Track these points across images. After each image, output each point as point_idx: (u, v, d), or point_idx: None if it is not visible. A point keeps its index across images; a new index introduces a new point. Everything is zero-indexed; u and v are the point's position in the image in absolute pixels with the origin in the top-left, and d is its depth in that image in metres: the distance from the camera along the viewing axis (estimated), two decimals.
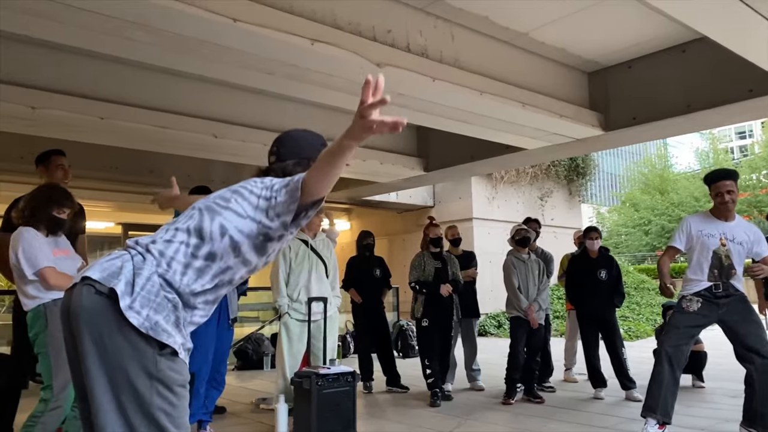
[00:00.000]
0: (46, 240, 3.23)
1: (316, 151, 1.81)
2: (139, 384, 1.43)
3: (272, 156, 1.89)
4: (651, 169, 30.54)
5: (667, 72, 5.97)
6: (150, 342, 1.44)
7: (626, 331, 9.89)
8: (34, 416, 3.04)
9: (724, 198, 3.73)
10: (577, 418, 4.47)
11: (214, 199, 1.72)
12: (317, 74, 4.88)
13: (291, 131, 1.95)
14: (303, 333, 4.07)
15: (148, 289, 1.46)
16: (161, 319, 1.46)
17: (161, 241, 1.58)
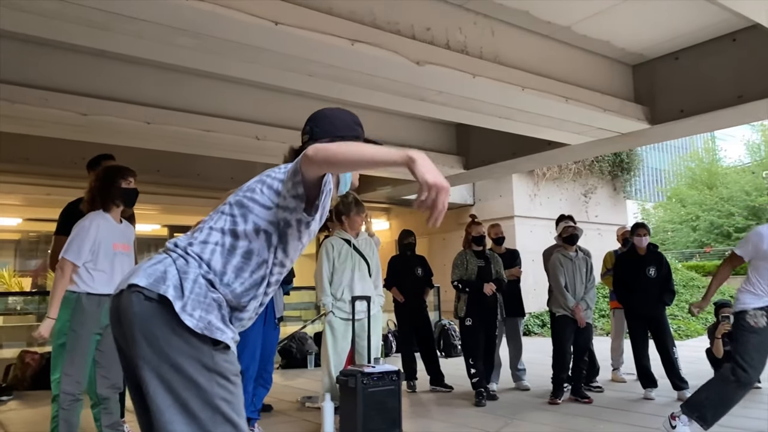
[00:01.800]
0: (115, 228, 3.31)
1: (351, 129, 1.79)
2: (199, 378, 1.48)
3: (305, 135, 1.83)
4: (698, 163, 29.56)
5: (716, 62, 5.77)
6: (205, 340, 1.50)
7: (676, 330, 9.62)
8: (54, 417, 3.09)
9: None
10: (628, 419, 4.36)
11: (245, 192, 1.68)
12: (357, 74, 4.90)
13: (324, 109, 1.88)
14: (347, 331, 4.09)
15: (197, 291, 1.51)
16: (213, 318, 1.51)
17: (198, 243, 1.59)
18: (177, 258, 1.57)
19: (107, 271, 3.24)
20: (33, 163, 7.66)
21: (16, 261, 14.18)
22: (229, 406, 1.51)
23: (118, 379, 3.42)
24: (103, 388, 3.32)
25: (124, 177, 3.36)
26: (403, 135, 8.13)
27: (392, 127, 7.98)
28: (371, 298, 4.12)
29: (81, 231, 3.16)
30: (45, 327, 3.14)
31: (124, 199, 3.35)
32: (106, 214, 3.29)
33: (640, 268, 5.21)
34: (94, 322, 3.19)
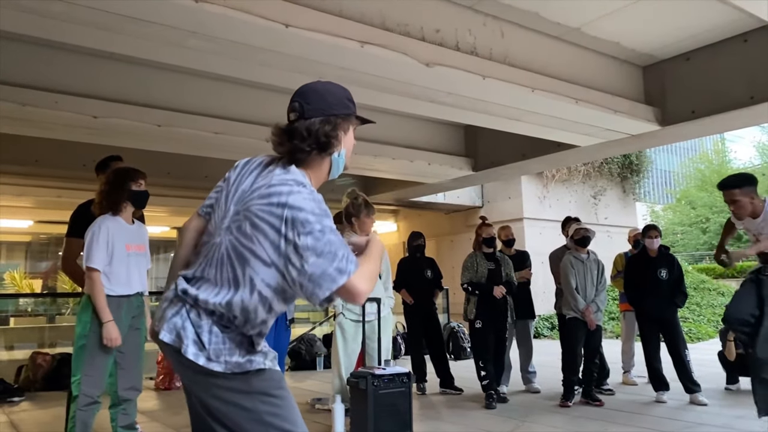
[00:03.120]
0: (127, 229, 3.34)
1: (344, 107, 1.65)
2: (245, 403, 1.56)
3: (293, 113, 1.62)
4: (708, 165, 29.35)
5: (728, 63, 5.73)
6: (236, 374, 1.56)
7: (687, 332, 9.53)
8: (72, 417, 3.13)
9: (730, 207, 3.92)
10: (640, 422, 4.33)
11: (238, 236, 1.54)
12: (367, 76, 4.91)
13: (313, 84, 1.68)
14: (357, 333, 4.09)
15: (215, 341, 1.54)
16: (237, 357, 1.56)
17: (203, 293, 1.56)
18: (190, 309, 1.57)
19: (123, 272, 3.27)
20: (43, 166, 7.71)
21: (26, 263, 14.28)
22: (279, 419, 1.57)
23: (138, 381, 3.46)
24: (123, 390, 3.36)
25: (134, 179, 3.38)
26: (413, 137, 8.14)
27: (401, 129, 7.99)
28: (381, 300, 4.11)
29: (93, 237, 3.20)
30: (109, 331, 3.16)
31: (134, 202, 3.37)
32: (117, 216, 3.31)
33: (651, 270, 5.18)
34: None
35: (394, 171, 8.93)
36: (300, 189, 1.52)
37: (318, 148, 1.60)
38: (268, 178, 1.59)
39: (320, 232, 1.45)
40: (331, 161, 1.66)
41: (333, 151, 1.64)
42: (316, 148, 1.60)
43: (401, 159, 8.03)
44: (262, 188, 1.56)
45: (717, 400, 4.96)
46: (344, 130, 1.66)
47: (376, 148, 7.62)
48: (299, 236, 1.45)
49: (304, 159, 1.61)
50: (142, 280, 3.44)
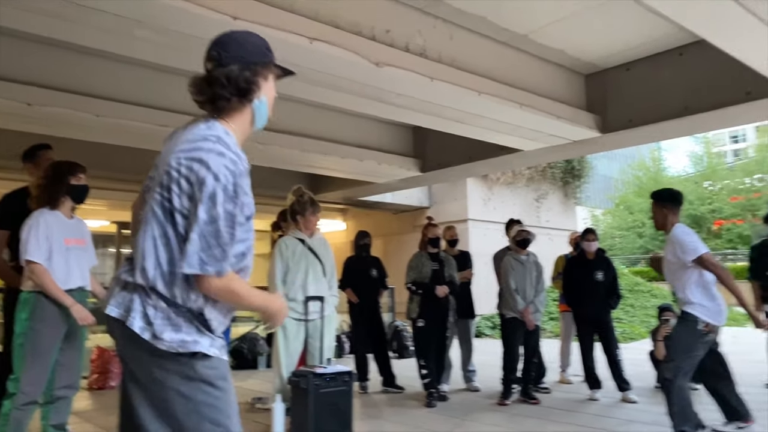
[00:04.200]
0: (65, 223, 3.23)
1: (263, 55, 1.65)
2: (182, 389, 1.53)
3: (210, 62, 1.60)
4: (645, 172, 30.60)
5: (665, 74, 5.98)
6: (182, 355, 1.53)
7: (621, 333, 9.89)
8: (5, 415, 3.02)
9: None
10: (575, 420, 4.47)
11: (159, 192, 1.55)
12: (318, 74, 4.87)
13: (230, 32, 1.67)
14: (300, 332, 4.05)
15: (161, 316, 1.52)
16: (184, 334, 1.53)
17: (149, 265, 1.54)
18: (137, 284, 1.56)
19: (62, 267, 3.16)
20: None
21: None
22: (215, 411, 1.54)
23: (76, 380, 3.35)
24: (60, 388, 3.26)
25: (73, 173, 3.28)
26: (362, 136, 8.14)
27: (351, 128, 7.97)
28: (325, 299, 4.09)
29: (30, 231, 3.10)
30: (78, 311, 3.11)
31: (73, 196, 3.26)
32: (55, 210, 3.20)
33: (588, 272, 5.36)
34: (55, 320, 3.12)
35: (343, 170, 8.91)
36: (224, 150, 1.53)
37: (238, 94, 1.60)
38: (191, 133, 1.59)
39: (218, 216, 1.48)
40: (253, 109, 1.66)
41: (254, 98, 1.64)
42: (237, 94, 1.60)
43: (350, 158, 8.01)
44: (184, 142, 1.57)
45: (647, 397, 5.17)
46: (264, 77, 1.66)
47: (325, 146, 7.59)
48: (201, 203, 1.48)
49: (226, 107, 1.61)
50: (84, 275, 3.32)
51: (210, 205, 1.48)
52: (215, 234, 1.48)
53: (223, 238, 1.49)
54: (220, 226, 1.49)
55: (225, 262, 1.50)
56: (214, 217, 1.48)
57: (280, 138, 7.15)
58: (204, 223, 1.48)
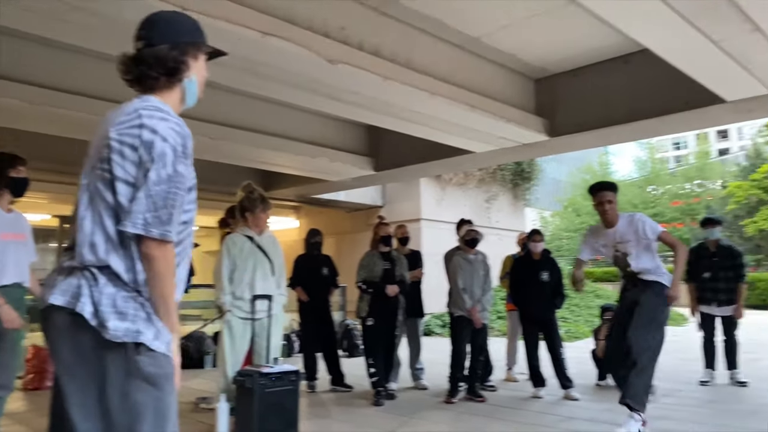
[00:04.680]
0: (3, 217, 3.12)
1: (192, 35, 1.66)
2: (122, 385, 1.46)
3: (139, 42, 1.60)
4: (592, 175, 31.51)
5: (611, 81, 6.18)
6: (124, 347, 1.46)
7: (566, 332, 10.16)
8: None
9: (603, 207, 4.01)
10: (518, 417, 4.56)
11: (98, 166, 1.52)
12: (270, 69, 4.83)
13: (159, 12, 1.67)
14: (246, 331, 3.99)
15: (107, 302, 1.47)
16: (128, 323, 1.47)
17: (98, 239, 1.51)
18: (83, 270, 1.50)
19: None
20: None
21: None
22: (153, 412, 1.48)
23: (10, 379, 3.22)
24: None
25: (12, 166, 3.15)
26: (316, 133, 8.09)
27: (305, 124, 7.91)
28: (273, 297, 4.04)
29: None
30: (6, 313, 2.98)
31: (12, 189, 3.13)
32: None
33: (534, 272, 5.48)
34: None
35: (296, 166, 8.84)
36: (166, 116, 1.54)
37: (166, 73, 1.61)
38: (126, 109, 1.57)
39: (168, 177, 1.48)
40: (183, 88, 1.66)
41: (182, 77, 1.64)
42: (164, 73, 1.60)
43: (303, 155, 7.95)
44: (121, 116, 1.55)
45: (588, 395, 5.32)
46: (193, 57, 1.67)
47: (277, 142, 7.50)
48: (151, 163, 1.47)
49: (154, 86, 1.61)
50: (21, 270, 3.19)
51: (160, 165, 1.47)
52: (164, 195, 1.47)
53: (171, 200, 1.48)
54: (169, 187, 1.48)
55: (170, 225, 1.48)
56: (163, 177, 1.47)
57: (232, 132, 7.04)
58: (153, 184, 1.46)
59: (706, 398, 5.24)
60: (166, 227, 1.47)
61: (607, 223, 4.06)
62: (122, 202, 1.48)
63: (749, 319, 9.27)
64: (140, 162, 1.47)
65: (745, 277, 5.90)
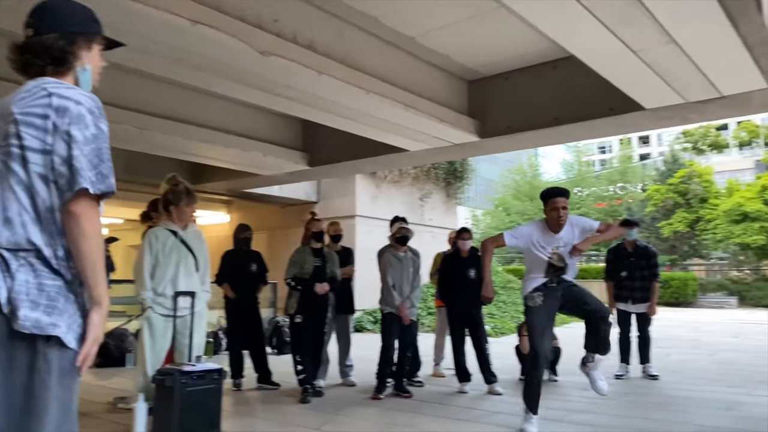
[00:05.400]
0: None
1: (83, 25, 1.63)
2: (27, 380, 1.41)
3: (29, 30, 1.58)
4: (522, 176, 32.58)
5: (539, 86, 6.36)
6: (35, 338, 1.41)
7: (493, 328, 10.44)
8: None
9: (559, 213, 4.03)
10: (443, 412, 4.65)
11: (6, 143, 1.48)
12: (200, 58, 4.69)
13: (51, 0, 1.63)
14: (167, 329, 3.85)
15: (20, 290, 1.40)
16: (40, 313, 1.41)
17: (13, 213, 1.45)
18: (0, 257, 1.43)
19: None
20: None
21: None
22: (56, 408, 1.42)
23: None
24: None
25: None
26: (248, 126, 7.92)
27: (236, 116, 7.73)
28: (196, 294, 3.93)
29: None
30: None
31: None
32: None
33: (462, 269, 5.58)
34: None
35: (227, 159, 8.63)
36: (69, 86, 1.54)
37: (53, 62, 1.57)
38: (25, 88, 1.54)
39: (94, 135, 1.48)
40: (76, 76, 1.63)
41: (71, 66, 1.60)
42: (51, 62, 1.57)
43: (234, 148, 7.77)
44: (18, 95, 1.53)
45: (511, 389, 5.48)
46: (85, 47, 1.64)
47: (207, 133, 7.30)
48: (71, 126, 1.45)
49: (40, 72, 1.58)
50: None
51: (82, 126, 1.46)
52: (96, 152, 1.47)
53: (105, 155, 1.49)
54: (98, 144, 1.48)
55: (113, 178, 1.49)
56: (89, 137, 1.47)
57: (159, 123, 6.78)
58: (82, 144, 1.45)
59: (621, 391, 5.51)
60: (110, 180, 1.49)
61: (557, 228, 4.07)
62: (40, 171, 1.45)
63: (662, 316, 9.85)
64: (55, 128, 1.45)
65: (659, 276, 6.25)
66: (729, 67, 4.72)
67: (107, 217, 13.18)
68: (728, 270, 24.44)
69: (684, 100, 5.41)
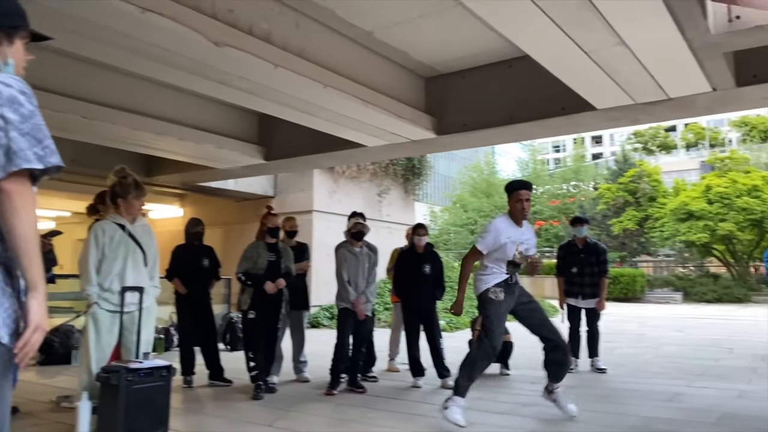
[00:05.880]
0: None
1: (5, 17, 1.57)
2: None
3: None
4: (479, 174, 33.04)
5: (494, 84, 6.44)
6: None
7: (448, 322, 10.54)
8: None
9: (523, 205, 4.16)
10: (395, 407, 4.67)
11: None
12: (152, 47, 4.57)
13: None
14: (114, 325, 3.73)
15: None
16: None
17: None
18: None
19: None
20: None
21: None
22: None
23: None
24: None
25: None
26: (202, 118, 7.75)
27: (190, 108, 7.55)
28: (144, 289, 3.82)
29: None
30: None
31: None
32: None
33: (417, 265, 5.62)
34: None
35: (180, 152, 8.43)
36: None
37: None
38: None
39: (31, 112, 1.44)
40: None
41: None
42: None
43: (188, 140, 7.60)
44: None
45: None
46: (6, 41, 1.58)
47: (159, 125, 7.11)
48: (4, 108, 1.41)
49: None
50: None
51: (17, 106, 1.42)
52: (36, 129, 1.43)
53: (46, 131, 1.45)
54: (36, 121, 1.44)
55: (48, 153, 1.44)
56: (26, 114, 1.43)
57: (108, 113, 6.58)
58: (19, 123, 1.41)
59: (569, 384, 5.61)
60: (57, 155, 1.45)
61: (520, 220, 4.19)
62: None
63: (611, 311, 10.14)
64: None
65: (607, 272, 6.44)
66: (675, 70, 4.88)
67: (54, 209, 12.72)
68: (674, 267, 25.38)
69: (633, 101, 5.57)
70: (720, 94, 5.31)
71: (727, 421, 4.14)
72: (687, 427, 3.96)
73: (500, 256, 4.13)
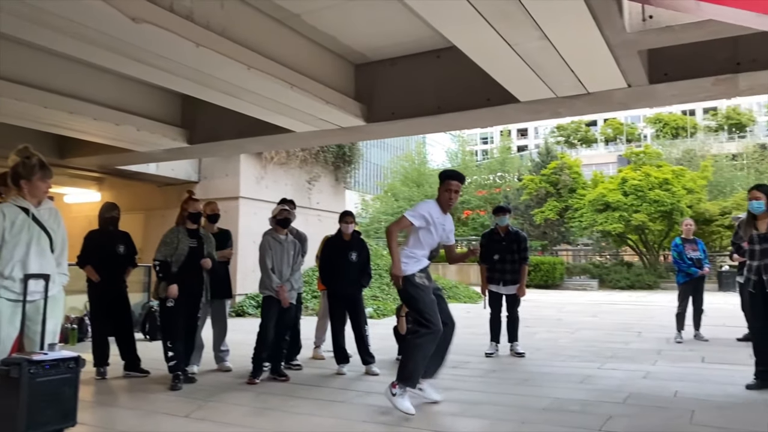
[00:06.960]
0: None
1: None
2: None
3: None
4: (411, 163, 33.37)
5: (423, 73, 6.48)
6: None
7: (375, 309, 10.62)
8: None
9: (450, 195, 4.29)
10: (318, 394, 4.65)
11: None
12: (63, 21, 4.29)
13: None
14: (15, 315, 3.48)
15: None
16: None
17: None
18: None
19: None
20: None
21: None
22: None
23: None
24: None
25: None
26: (120, 98, 7.37)
27: (107, 87, 7.16)
28: (51, 277, 3.59)
29: None
30: None
31: None
32: None
33: (344, 252, 5.60)
34: None
35: (97, 133, 8.00)
36: None
37: None
38: None
39: None
40: None
41: None
42: None
43: (104, 120, 7.22)
44: None
45: (388, 369, 5.57)
46: None
47: (72, 103, 6.71)
48: None
49: None
50: None
51: None
52: None
53: None
54: None
55: None
56: None
57: (15, 89, 6.14)
58: None
59: (489, 368, 5.82)
60: None
61: (446, 208, 4.32)
62: None
63: (531, 298, 10.51)
64: None
65: (528, 260, 6.66)
66: (594, 65, 5.07)
67: None
68: (592, 255, 26.65)
69: (555, 95, 5.75)
70: (634, 90, 5.56)
71: (633, 400, 4.38)
72: (597, 407, 4.16)
73: (424, 238, 4.21)
